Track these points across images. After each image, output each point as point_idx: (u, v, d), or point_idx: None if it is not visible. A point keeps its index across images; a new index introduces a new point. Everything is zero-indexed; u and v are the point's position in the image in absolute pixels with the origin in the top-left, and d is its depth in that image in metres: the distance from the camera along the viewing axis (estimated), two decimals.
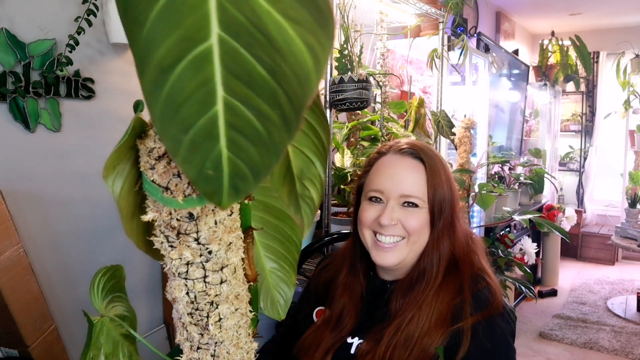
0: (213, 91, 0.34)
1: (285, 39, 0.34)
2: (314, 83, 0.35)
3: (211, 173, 0.35)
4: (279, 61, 0.34)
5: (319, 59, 0.35)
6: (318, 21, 0.34)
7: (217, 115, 0.35)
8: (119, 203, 0.45)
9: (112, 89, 1.49)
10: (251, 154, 0.36)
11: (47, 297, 1.27)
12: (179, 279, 0.48)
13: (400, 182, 0.88)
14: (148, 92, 0.35)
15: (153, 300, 1.69)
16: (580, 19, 4.85)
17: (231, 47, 0.34)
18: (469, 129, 2.41)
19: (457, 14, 2.24)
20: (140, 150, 0.44)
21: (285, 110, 0.35)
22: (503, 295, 0.89)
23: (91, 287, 0.65)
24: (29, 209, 1.32)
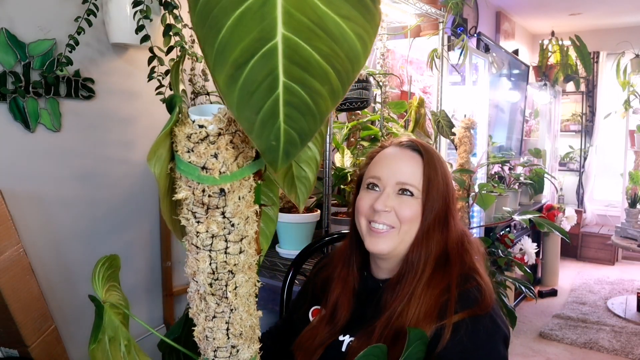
0: (276, 78, 0.43)
1: (341, 32, 0.43)
2: (362, 61, 0.45)
3: (274, 144, 0.45)
4: (335, 48, 0.44)
5: (366, 44, 0.45)
6: (365, 17, 0.44)
7: (279, 96, 0.43)
8: (159, 183, 0.53)
9: (112, 89, 1.49)
10: (301, 124, 0.45)
11: (47, 297, 1.27)
12: (203, 251, 0.54)
13: (398, 170, 0.91)
14: (225, 85, 0.43)
15: (153, 300, 1.69)
16: (580, 19, 4.85)
17: (293, 42, 0.42)
18: (469, 129, 2.41)
19: (457, 14, 2.24)
20: (178, 136, 0.52)
21: (334, 85, 0.45)
22: (498, 298, 0.89)
23: (93, 275, 0.70)
24: (29, 209, 1.32)
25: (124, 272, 1.58)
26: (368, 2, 0.44)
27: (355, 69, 0.45)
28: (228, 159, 0.52)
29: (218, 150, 0.51)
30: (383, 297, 0.90)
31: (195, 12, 0.42)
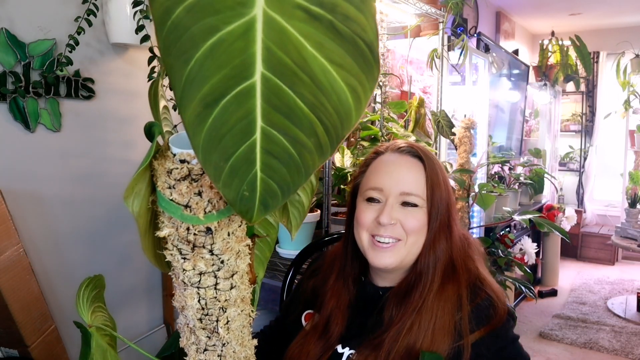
0: (253, 122, 0.37)
1: (329, 80, 0.37)
2: (354, 119, 0.39)
3: (247, 194, 0.39)
4: (322, 99, 0.37)
5: (360, 99, 0.38)
6: (362, 67, 0.38)
7: (255, 142, 0.38)
8: (138, 221, 0.48)
9: (112, 89, 1.49)
10: (283, 174, 0.39)
11: (47, 297, 1.27)
12: (191, 288, 0.50)
13: (400, 180, 0.86)
14: (190, 124, 0.37)
15: (153, 300, 1.69)
16: (580, 19, 4.85)
17: (274, 84, 0.37)
18: (469, 129, 2.41)
19: (457, 14, 2.24)
20: (158, 171, 0.47)
21: (321, 139, 0.39)
22: (505, 296, 0.87)
23: (77, 298, 0.66)
24: (29, 209, 1.32)
25: (124, 272, 1.58)
26: (365, 50, 0.37)
27: (345, 126, 0.39)
28: (214, 197, 0.47)
29: (202, 188, 0.46)
30: (387, 308, 0.85)
31: (162, 37, 0.36)
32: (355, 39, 0.36)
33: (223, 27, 0.35)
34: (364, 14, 0.36)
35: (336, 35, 0.36)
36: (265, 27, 0.35)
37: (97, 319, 0.68)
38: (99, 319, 0.68)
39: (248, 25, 0.35)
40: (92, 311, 0.68)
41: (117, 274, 1.55)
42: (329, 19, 0.36)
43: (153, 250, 0.52)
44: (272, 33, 0.35)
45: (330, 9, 0.36)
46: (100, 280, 0.71)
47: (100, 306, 0.71)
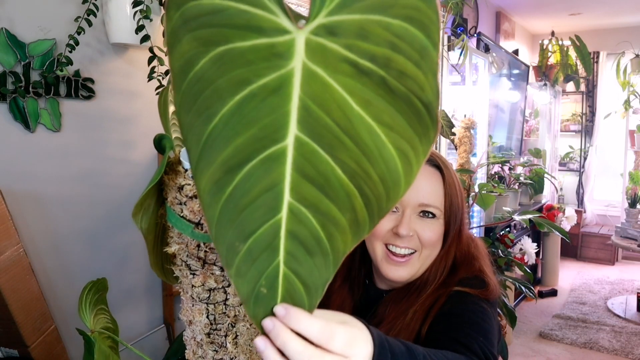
0: (280, 195, 0.31)
1: (376, 144, 0.31)
2: (402, 189, 0.33)
3: (265, 292, 0.32)
4: (366, 166, 0.32)
5: (412, 166, 0.32)
6: (415, 128, 0.31)
7: (280, 223, 0.32)
8: (146, 238, 0.45)
9: (112, 89, 1.49)
10: (309, 268, 0.33)
11: (47, 297, 1.27)
12: (200, 303, 0.48)
13: (419, 190, 0.82)
14: (206, 192, 0.32)
15: (153, 300, 1.69)
16: (580, 19, 4.85)
17: (309, 149, 0.31)
18: (469, 129, 2.41)
19: (457, 14, 2.24)
20: (168, 186, 0.44)
21: (358, 214, 0.33)
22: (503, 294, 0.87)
23: (80, 303, 0.66)
24: (29, 209, 1.32)
25: (124, 272, 1.58)
26: (422, 110, 0.31)
27: (392, 197, 0.32)
28: None
29: None
30: (381, 308, 0.86)
31: (181, 91, 0.31)
32: (410, 97, 0.31)
33: (255, 80, 0.30)
34: (423, 71, 0.30)
35: (387, 92, 0.31)
36: (304, 82, 0.30)
37: (100, 322, 0.68)
38: (102, 322, 0.68)
39: (284, 79, 0.30)
40: (94, 314, 0.67)
41: (117, 274, 1.55)
42: (381, 75, 0.30)
43: (161, 264, 0.51)
44: (312, 89, 0.30)
45: (383, 64, 0.30)
46: (102, 283, 0.71)
47: (103, 309, 0.71)
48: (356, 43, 0.30)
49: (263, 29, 0.30)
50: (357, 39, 0.30)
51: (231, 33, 0.30)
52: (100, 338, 0.63)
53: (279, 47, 0.30)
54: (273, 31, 0.30)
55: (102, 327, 0.67)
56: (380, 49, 0.30)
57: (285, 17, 0.30)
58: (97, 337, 0.62)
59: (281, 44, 0.30)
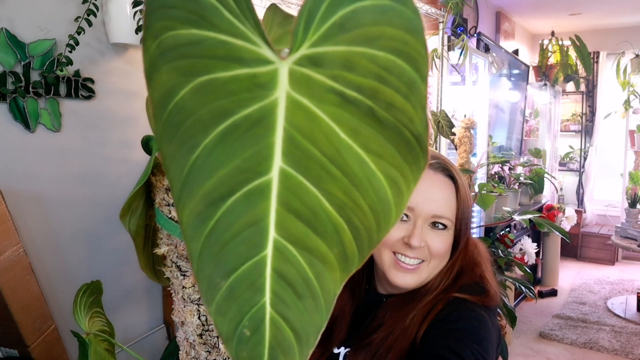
0: (264, 231, 0.30)
1: (366, 173, 0.30)
2: (393, 218, 0.31)
3: (248, 334, 0.30)
4: (355, 196, 0.31)
5: (402, 194, 0.31)
6: (405, 156, 0.31)
7: (265, 261, 0.30)
8: (135, 240, 0.45)
9: (112, 89, 1.49)
10: (298, 312, 0.31)
11: (47, 297, 1.27)
12: (191, 304, 0.48)
13: (433, 200, 0.81)
14: (189, 225, 0.30)
15: (153, 300, 1.69)
16: (580, 19, 4.85)
17: (295, 183, 0.30)
18: (469, 129, 2.41)
19: (457, 14, 2.24)
20: (156, 187, 0.43)
21: (347, 247, 0.31)
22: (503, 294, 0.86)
23: (74, 305, 0.65)
24: (29, 209, 1.32)
25: (124, 272, 1.58)
26: (411, 139, 0.30)
27: (383, 227, 0.31)
28: None
29: None
30: (381, 312, 0.85)
31: (162, 121, 0.30)
32: (399, 127, 0.30)
33: (238, 111, 0.29)
34: (412, 104, 0.30)
35: (376, 122, 0.30)
36: (288, 113, 0.29)
37: (95, 324, 0.67)
38: (97, 325, 0.68)
39: (268, 110, 0.29)
40: (89, 317, 0.67)
41: (117, 274, 1.55)
42: (369, 105, 0.30)
43: (151, 265, 0.50)
44: (297, 119, 0.29)
45: (370, 95, 0.29)
46: (97, 285, 0.71)
47: (99, 311, 0.70)
48: (342, 74, 0.29)
49: (244, 59, 0.29)
50: (343, 70, 0.29)
51: (211, 63, 0.29)
52: (95, 340, 0.62)
53: (262, 77, 0.29)
54: (255, 61, 0.29)
55: (97, 330, 0.67)
56: (366, 80, 0.29)
57: (267, 48, 0.30)
58: (92, 340, 0.62)
59: (263, 74, 0.29)
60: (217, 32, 0.29)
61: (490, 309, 0.82)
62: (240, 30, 0.29)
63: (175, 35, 0.30)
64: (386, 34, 0.29)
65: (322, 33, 0.29)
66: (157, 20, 0.30)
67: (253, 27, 0.30)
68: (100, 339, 0.64)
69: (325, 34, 0.29)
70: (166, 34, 0.30)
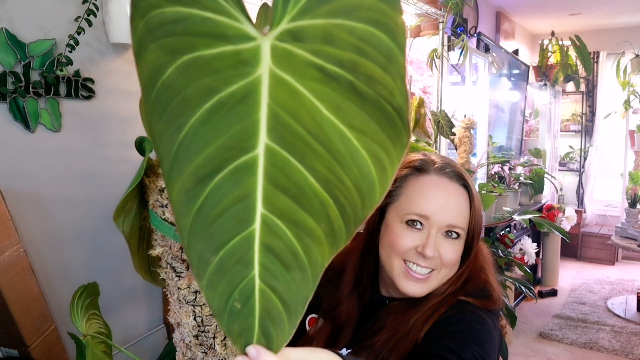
0: (252, 206, 0.30)
1: (348, 149, 0.30)
2: (377, 195, 0.32)
3: (238, 307, 0.31)
4: (339, 172, 0.31)
5: (386, 171, 0.31)
6: (388, 133, 0.31)
7: (253, 235, 0.31)
8: (129, 241, 0.44)
9: (112, 89, 1.49)
10: (287, 283, 0.31)
11: (47, 297, 1.27)
12: (186, 305, 0.48)
13: (448, 210, 0.80)
14: (178, 202, 0.31)
15: (153, 300, 1.69)
16: (580, 19, 4.85)
17: (280, 158, 0.30)
18: (469, 129, 2.41)
19: (457, 14, 2.24)
20: (150, 188, 0.43)
21: (334, 223, 0.31)
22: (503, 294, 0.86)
23: (71, 307, 0.65)
24: (29, 209, 1.32)
25: (124, 272, 1.58)
26: (393, 114, 0.30)
27: (367, 204, 0.32)
28: None
29: None
30: (384, 314, 0.84)
31: (150, 101, 0.31)
32: (380, 101, 0.30)
33: (223, 89, 0.30)
34: (391, 75, 0.30)
35: (357, 97, 0.30)
36: (272, 89, 0.29)
37: (92, 326, 0.67)
38: (94, 327, 0.68)
39: (252, 87, 0.29)
40: (86, 319, 0.67)
41: (117, 274, 1.55)
42: (349, 80, 0.30)
43: (146, 267, 0.50)
44: (281, 95, 0.30)
45: (350, 69, 0.30)
46: (94, 287, 0.70)
47: (95, 313, 0.70)
48: (322, 48, 0.29)
49: (227, 36, 0.29)
50: (323, 44, 0.29)
51: (196, 41, 0.29)
52: (93, 342, 0.62)
53: (245, 54, 0.29)
54: (238, 38, 0.29)
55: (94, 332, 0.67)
56: (346, 53, 0.29)
57: (249, 24, 0.30)
58: (89, 341, 0.62)
59: (247, 51, 0.29)
60: (201, 9, 0.29)
61: (493, 313, 0.81)
62: (223, 6, 0.29)
63: (161, 13, 0.30)
64: (364, 5, 0.29)
65: (302, 6, 0.29)
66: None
67: (235, 3, 0.30)
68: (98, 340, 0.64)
69: (304, 7, 0.29)
70: (153, 12, 0.30)
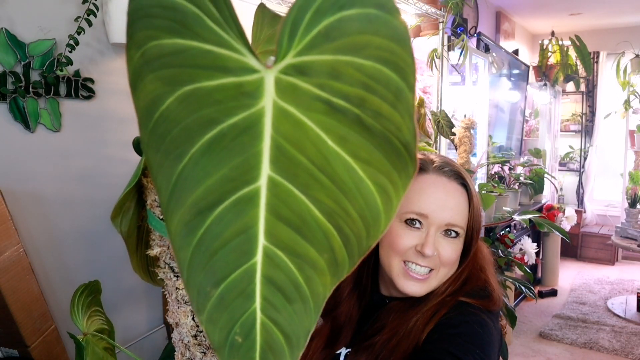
0: (254, 239, 0.30)
1: (354, 180, 0.30)
2: (383, 225, 0.31)
3: (239, 341, 0.30)
4: (344, 203, 0.31)
5: (391, 201, 0.31)
6: (393, 163, 0.31)
7: (255, 268, 0.30)
8: (127, 241, 0.44)
9: (112, 89, 1.49)
10: (289, 316, 0.31)
11: (47, 297, 1.27)
12: (184, 306, 0.48)
13: (447, 208, 0.80)
14: (177, 234, 0.30)
15: (153, 300, 1.69)
16: (580, 19, 4.85)
17: (283, 190, 0.30)
18: (469, 129, 2.41)
19: (457, 14, 2.24)
20: (148, 188, 0.42)
21: (337, 253, 0.31)
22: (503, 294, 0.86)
23: (71, 305, 0.65)
24: (29, 209, 1.32)
25: (124, 272, 1.58)
26: (399, 147, 0.30)
27: (372, 234, 0.31)
28: None
29: None
30: (384, 313, 0.84)
31: (147, 131, 0.30)
32: (387, 135, 0.30)
33: (224, 120, 0.29)
34: (400, 113, 0.30)
35: (364, 129, 0.30)
36: (275, 121, 0.29)
37: (94, 324, 0.67)
38: (96, 324, 0.67)
39: (254, 118, 0.29)
40: (88, 317, 0.67)
41: (117, 274, 1.55)
42: (356, 113, 0.30)
43: (144, 267, 0.50)
44: (285, 127, 0.29)
45: (357, 104, 0.30)
46: (95, 285, 0.70)
47: (98, 310, 0.70)
48: (328, 83, 0.29)
49: (229, 68, 0.29)
50: (329, 79, 0.29)
51: (196, 73, 0.29)
52: (93, 340, 0.62)
53: (248, 86, 0.29)
54: (240, 70, 0.29)
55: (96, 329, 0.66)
56: (353, 89, 0.29)
57: (252, 56, 0.29)
58: (89, 340, 0.61)
59: (249, 83, 0.29)
60: (201, 42, 0.29)
61: (493, 313, 0.81)
62: (224, 39, 0.29)
63: (158, 44, 0.30)
64: (373, 43, 0.29)
65: (307, 42, 0.29)
66: (140, 30, 0.30)
67: (237, 35, 0.30)
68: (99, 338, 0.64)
69: (310, 43, 0.29)
70: (150, 44, 0.30)
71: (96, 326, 0.68)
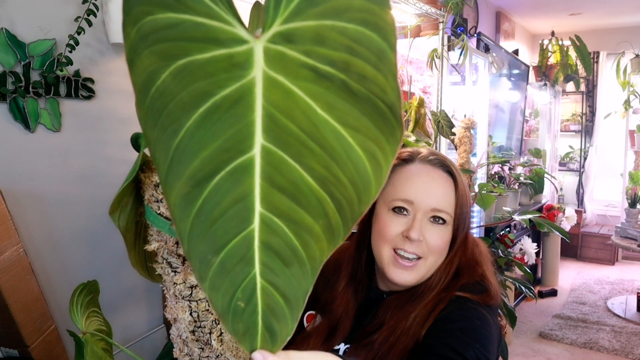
0: (250, 207, 0.31)
1: (343, 147, 0.31)
2: (373, 191, 0.32)
3: (242, 306, 0.31)
4: (335, 170, 0.31)
5: (380, 166, 0.32)
6: (381, 129, 0.31)
7: (253, 234, 0.31)
8: (125, 236, 0.45)
9: (112, 89, 1.49)
10: (287, 279, 0.32)
11: (47, 297, 1.27)
12: (182, 301, 0.49)
13: (432, 194, 0.82)
14: (176, 206, 0.31)
15: (153, 300, 1.69)
16: (580, 19, 4.85)
17: (276, 158, 0.31)
18: (469, 129, 2.41)
19: (457, 14, 2.24)
20: (145, 183, 0.44)
21: (331, 219, 0.32)
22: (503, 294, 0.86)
23: (71, 305, 0.65)
24: (29, 209, 1.32)
25: (124, 272, 1.58)
26: (386, 111, 0.31)
27: (364, 200, 0.32)
28: None
29: None
30: (382, 310, 0.85)
31: (144, 106, 0.31)
32: (373, 99, 0.31)
33: (217, 92, 0.30)
34: (383, 73, 0.31)
35: (350, 95, 0.31)
36: (266, 91, 0.30)
37: (92, 324, 0.67)
38: (94, 324, 0.68)
39: (246, 89, 0.30)
40: (86, 317, 0.67)
41: (117, 274, 1.55)
42: (342, 79, 0.30)
43: (142, 262, 0.50)
44: (275, 96, 0.30)
45: (342, 68, 0.30)
46: (94, 285, 0.70)
47: (96, 311, 0.70)
48: (314, 49, 0.30)
49: (220, 40, 0.30)
50: (315, 45, 0.30)
51: (189, 46, 0.30)
52: (92, 340, 0.62)
53: (238, 57, 0.30)
54: (231, 42, 0.30)
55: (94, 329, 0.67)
56: (338, 53, 0.30)
57: (242, 27, 0.30)
58: (89, 339, 0.62)
59: (240, 54, 0.30)
60: (193, 15, 0.30)
61: (492, 308, 0.82)
62: (215, 11, 0.30)
63: (153, 19, 0.30)
64: (354, 6, 0.30)
65: (293, 8, 0.30)
66: (135, 5, 0.30)
67: (226, 7, 0.30)
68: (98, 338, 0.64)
69: (295, 9, 0.30)
70: (145, 19, 0.30)
71: (95, 326, 0.68)
